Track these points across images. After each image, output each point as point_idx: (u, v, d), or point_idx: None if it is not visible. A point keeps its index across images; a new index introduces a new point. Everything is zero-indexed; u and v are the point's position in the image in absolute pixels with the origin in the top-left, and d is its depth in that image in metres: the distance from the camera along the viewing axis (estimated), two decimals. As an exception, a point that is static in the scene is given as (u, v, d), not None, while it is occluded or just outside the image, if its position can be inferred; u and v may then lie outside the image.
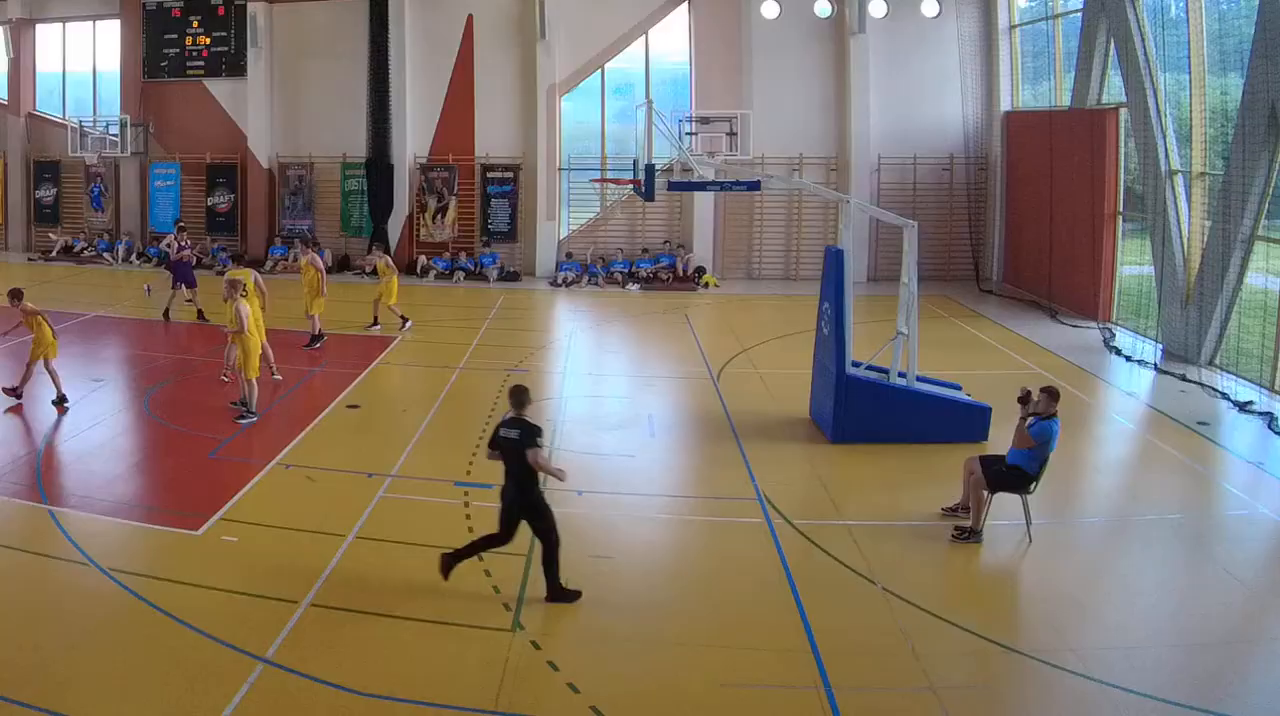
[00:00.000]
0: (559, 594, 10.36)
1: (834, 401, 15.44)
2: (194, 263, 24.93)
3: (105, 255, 35.13)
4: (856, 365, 15.73)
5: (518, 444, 10.17)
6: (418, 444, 15.73)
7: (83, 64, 37.46)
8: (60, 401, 16.71)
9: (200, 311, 24.26)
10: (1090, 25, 24.75)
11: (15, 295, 16.71)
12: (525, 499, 10.29)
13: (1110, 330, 23.24)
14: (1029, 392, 12.04)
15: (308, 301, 21.15)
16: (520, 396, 10.44)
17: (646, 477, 14.68)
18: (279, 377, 18.80)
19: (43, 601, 10.52)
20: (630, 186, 22.97)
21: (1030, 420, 11.80)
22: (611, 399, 18.82)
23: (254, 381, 16.63)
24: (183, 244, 24.86)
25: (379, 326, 22.97)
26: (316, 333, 21.22)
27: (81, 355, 21.09)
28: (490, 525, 11.25)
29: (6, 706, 8.39)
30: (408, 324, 22.96)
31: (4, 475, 14.05)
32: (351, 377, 19.38)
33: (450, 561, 10.67)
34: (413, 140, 32.45)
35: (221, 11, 34.48)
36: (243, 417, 16.47)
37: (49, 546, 11.80)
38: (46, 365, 16.59)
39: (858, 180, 29.58)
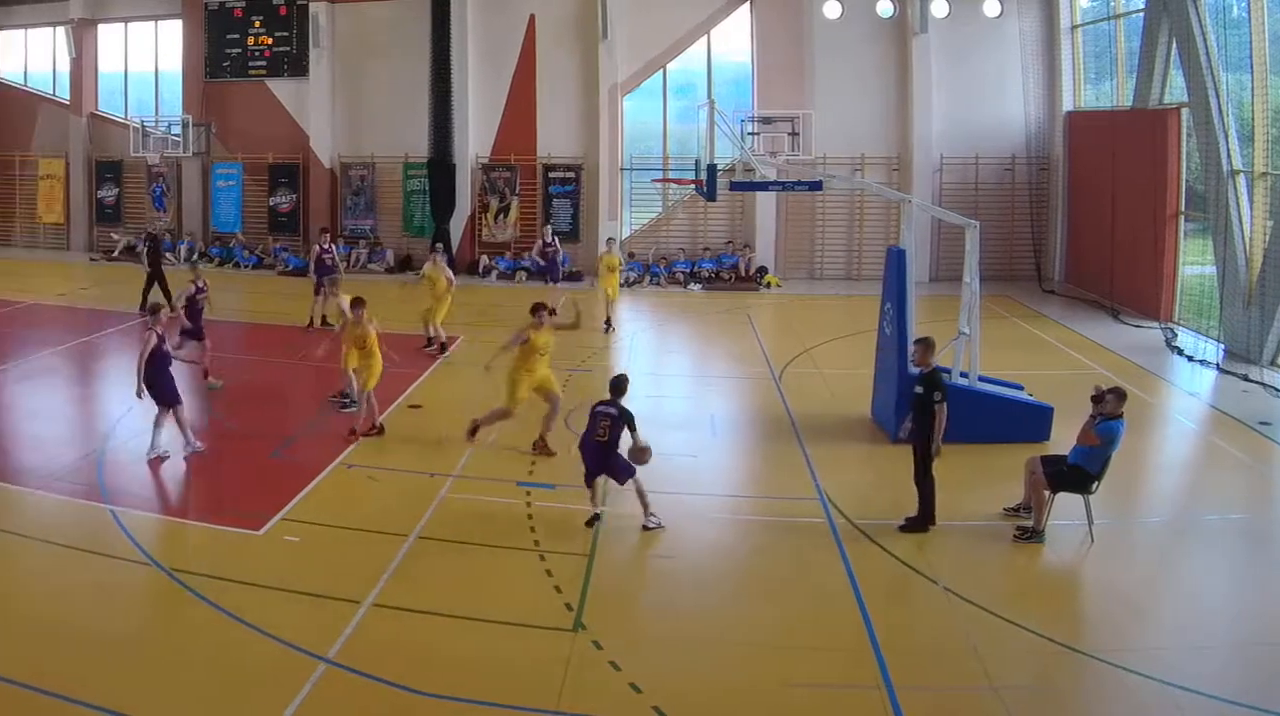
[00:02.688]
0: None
1: (896, 401, 16.16)
2: (336, 268, 25.35)
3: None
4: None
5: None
6: (480, 444, 16.43)
7: (145, 64, 40.21)
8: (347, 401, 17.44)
9: (324, 317, 24.78)
10: (1152, 25, 26.46)
11: (358, 303, 17.00)
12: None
13: (1172, 330, 24.19)
14: (1103, 392, 12.55)
15: (434, 309, 21.89)
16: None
17: (709, 477, 15.51)
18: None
19: (104, 601, 11.16)
20: (692, 186, 24.27)
21: (1097, 419, 12.34)
22: (674, 399, 19.82)
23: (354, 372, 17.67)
24: (326, 247, 25.48)
25: (435, 346, 22.38)
26: (440, 339, 22.13)
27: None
28: (553, 525, 12.98)
29: (69, 706, 8.88)
30: (445, 351, 22.39)
31: (67, 475, 14.82)
32: (414, 378, 20.21)
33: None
34: (475, 140, 34.79)
35: (284, 11, 37.07)
36: (345, 407, 17.70)
37: (111, 546, 12.43)
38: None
39: (920, 180, 31.51)
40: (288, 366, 21.53)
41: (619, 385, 13.29)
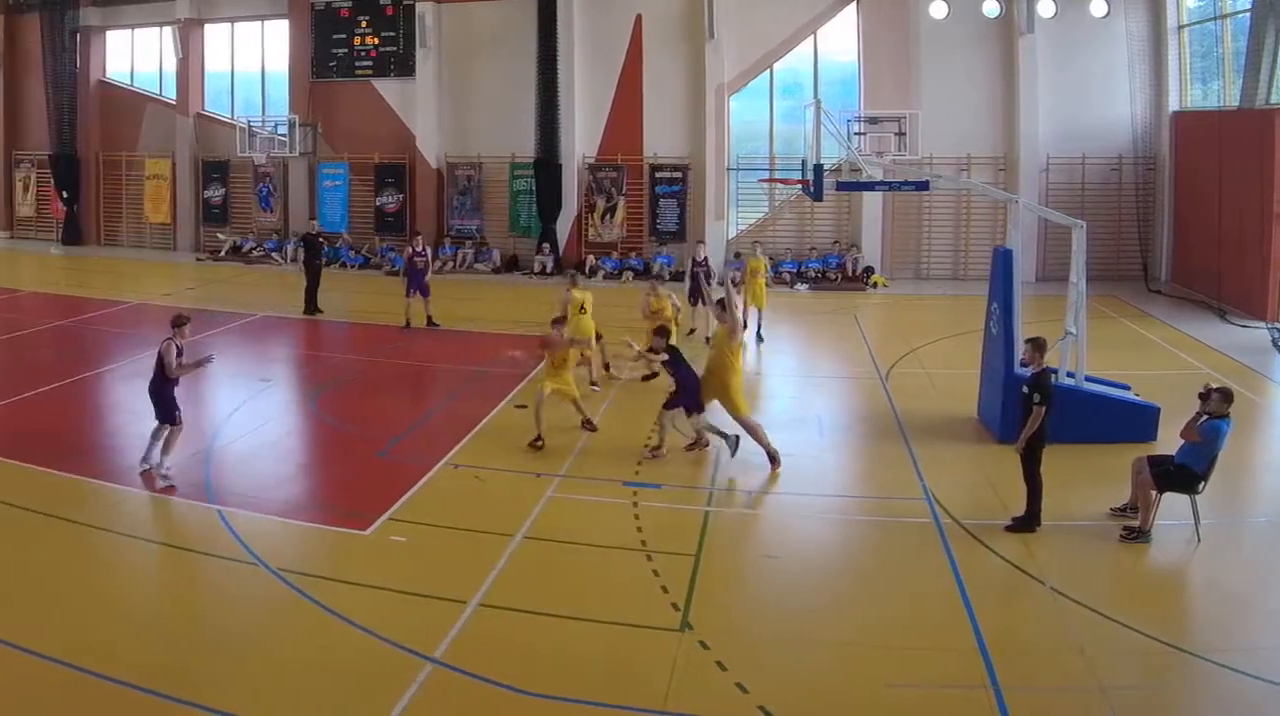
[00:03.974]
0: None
1: (1002, 401, 17.22)
2: (427, 270, 27.07)
3: (274, 255, 41.66)
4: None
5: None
6: (586, 443, 17.67)
7: (251, 64, 44.35)
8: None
9: (430, 317, 26.92)
10: (1259, 25, 28.55)
11: (559, 322, 18.36)
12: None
13: (1279, 330, 25.62)
14: (1209, 390, 13.28)
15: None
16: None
17: (815, 477, 16.44)
18: (596, 388, 20.91)
19: (211, 601, 12.07)
20: (798, 186, 25.90)
21: (1202, 417, 13.11)
22: (780, 399, 21.33)
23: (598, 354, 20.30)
24: (418, 250, 27.07)
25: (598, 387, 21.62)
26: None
27: (250, 355, 24.54)
28: (659, 525, 14.02)
29: (175, 706, 9.56)
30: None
31: (174, 475, 15.79)
32: (520, 377, 21.22)
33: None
34: (581, 140, 37.99)
35: (390, 11, 40.82)
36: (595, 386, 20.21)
37: (218, 546, 13.37)
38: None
39: (1026, 180, 33.79)
40: (394, 365, 22.86)
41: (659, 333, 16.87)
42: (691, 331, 24.78)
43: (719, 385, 16.64)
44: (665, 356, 16.91)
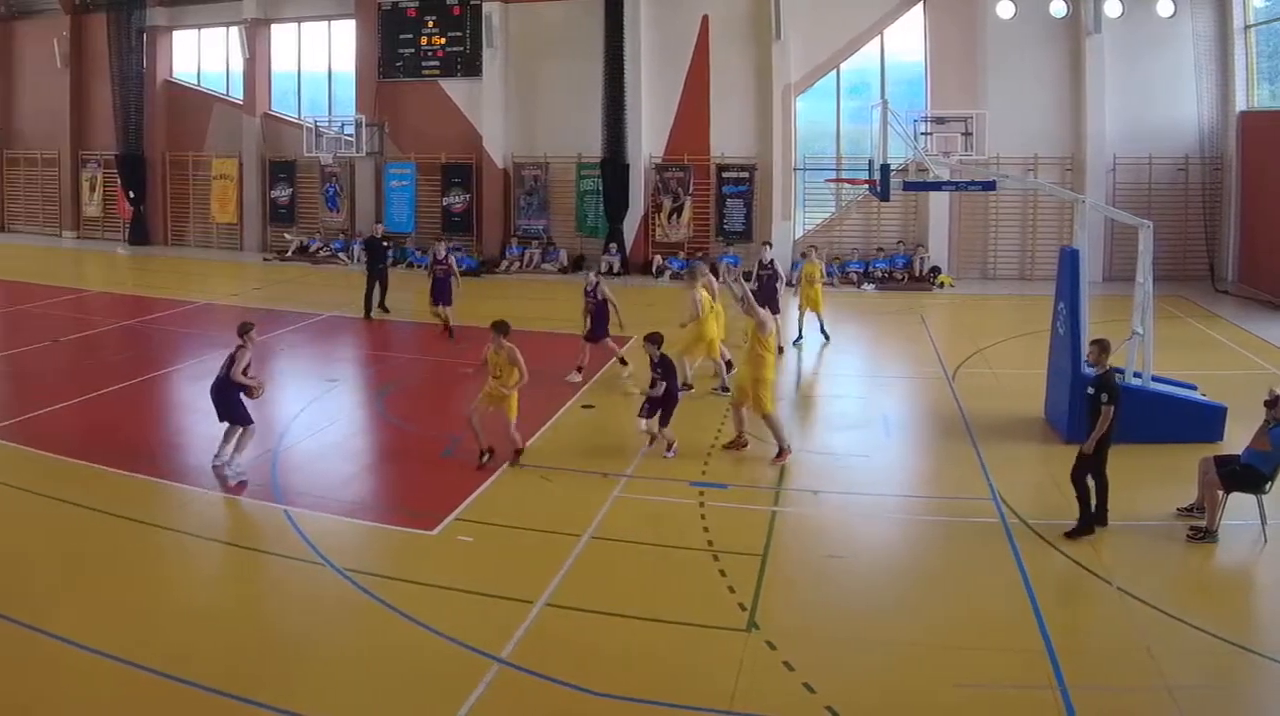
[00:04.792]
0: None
1: (1069, 401, 17.83)
2: (450, 275, 27.52)
3: (340, 255, 44.02)
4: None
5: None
6: (654, 443, 18.09)
7: (318, 64, 46.91)
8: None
9: (449, 328, 27.27)
10: None
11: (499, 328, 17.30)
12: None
13: None
14: (1277, 396, 13.62)
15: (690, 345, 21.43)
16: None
17: (881, 477, 17.10)
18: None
19: (278, 601, 12.59)
20: (865, 186, 27.08)
21: (1271, 424, 13.49)
22: (846, 398, 22.18)
23: (720, 359, 21.06)
24: (440, 257, 27.80)
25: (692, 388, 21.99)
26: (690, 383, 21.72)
27: (317, 355, 25.46)
28: (726, 525, 14.52)
29: (242, 706, 9.97)
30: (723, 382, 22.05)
31: (240, 474, 16.56)
32: (587, 377, 22.39)
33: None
34: (648, 140, 40.05)
35: (457, 11, 43.15)
36: (718, 390, 20.93)
37: (284, 546, 13.93)
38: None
39: (1093, 180, 35.41)
40: (459, 365, 23.12)
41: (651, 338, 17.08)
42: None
43: (750, 378, 17.37)
44: (658, 369, 17.42)
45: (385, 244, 32.23)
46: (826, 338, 26.84)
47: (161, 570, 13.55)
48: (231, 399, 16.69)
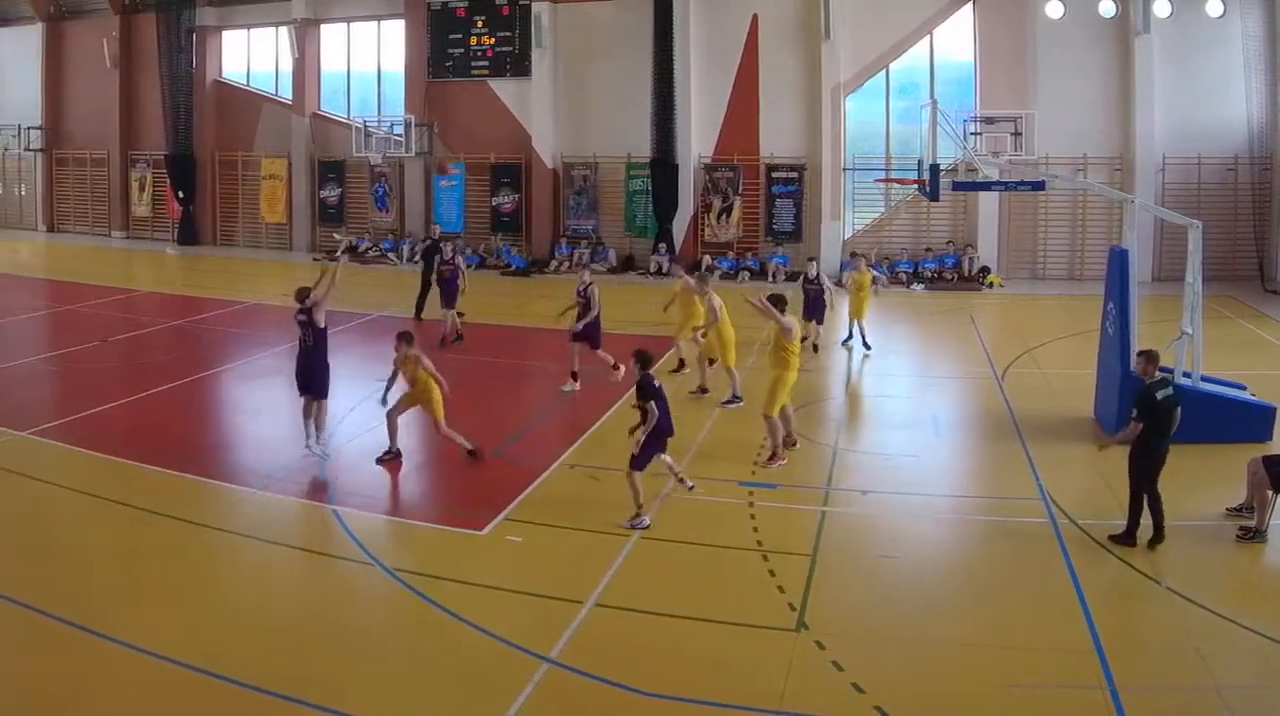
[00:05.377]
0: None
1: (1118, 401, 18.21)
2: (458, 276, 27.68)
3: (389, 255, 45.71)
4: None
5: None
6: (702, 444, 18.83)
7: (367, 64, 48.67)
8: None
9: (460, 332, 27.59)
10: None
11: (404, 338, 17.91)
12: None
13: None
14: None
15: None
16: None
17: (930, 477, 17.51)
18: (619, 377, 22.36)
19: (327, 601, 12.89)
20: (915, 186, 27.93)
21: None
22: (896, 398, 22.77)
23: (733, 369, 20.92)
24: (447, 259, 27.95)
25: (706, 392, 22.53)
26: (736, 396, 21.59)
27: (367, 355, 25.36)
28: (776, 525, 14.83)
29: (292, 706, 10.24)
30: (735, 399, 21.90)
31: (290, 475, 17.09)
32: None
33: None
34: (697, 140, 41.63)
35: (506, 11, 44.62)
36: (728, 402, 20.86)
37: (334, 546, 14.34)
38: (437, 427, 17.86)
39: (1142, 180, 36.59)
40: (508, 365, 23.97)
41: (642, 358, 15.49)
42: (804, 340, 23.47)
43: (770, 378, 17.86)
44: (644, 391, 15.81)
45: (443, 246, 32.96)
46: (867, 347, 26.76)
47: (210, 570, 13.97)
48: (318, 366, 17.59)
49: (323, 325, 17.73)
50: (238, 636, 11.87)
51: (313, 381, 17.84)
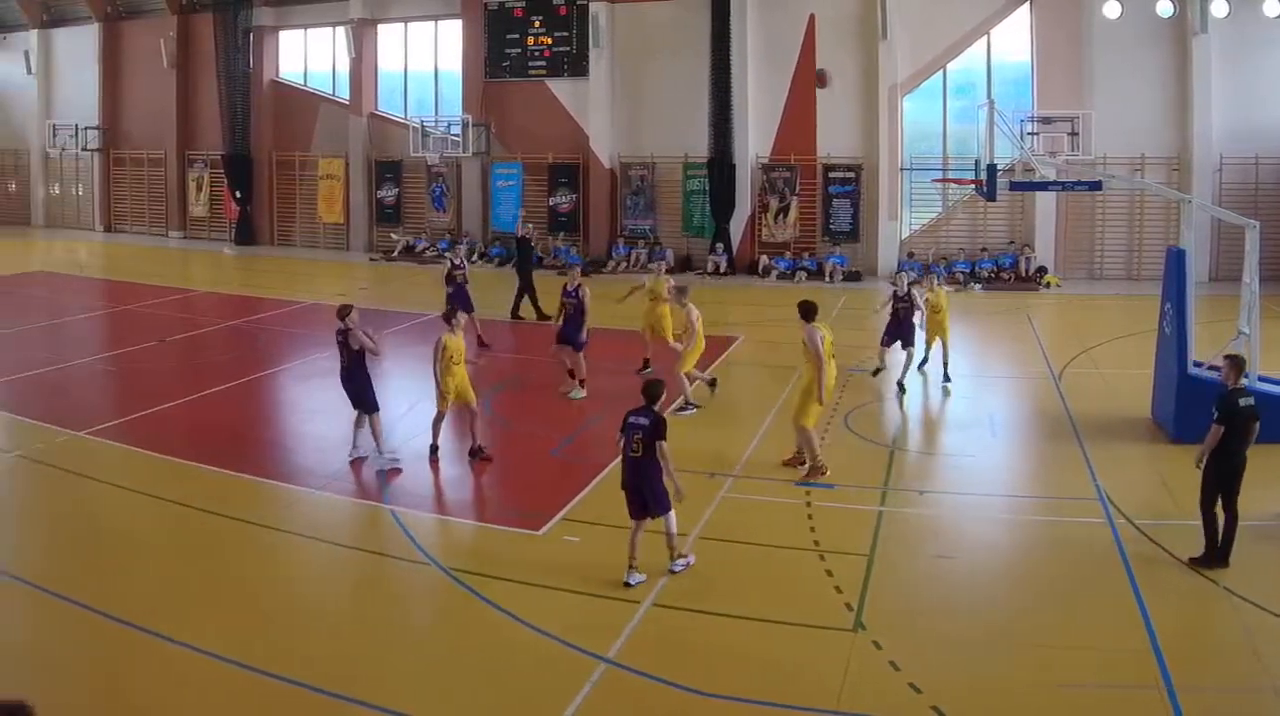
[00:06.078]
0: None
1: (1175, 401, 18.61)
2: (467, 283, 27.91)
3: (446, 255, 46.02)
4: (1198, 365, 18.57)
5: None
6: (760, 443, 19.27)
7: (424, 64, 50.66)
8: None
9: (480, 338, 27.52)
10: None
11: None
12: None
13: None
14: None
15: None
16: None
17: (987, 477, 17.98)
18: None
19: (385, 600, 13.28)
20: (972, 186, 27.68)
21: None
22: (953, 398, 23.11)
23: (689, 375, 21.43)
24: (458, 263, 28.47)
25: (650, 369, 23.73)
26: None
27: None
28: (833, 525, 15.09)
29: (349, 705, 10.54)
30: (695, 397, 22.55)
31: (347, 475, 17.58)
32: (693, 377, 22.49)
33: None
34: (754, 140, 43.33)
35: (563, 11, 46.24)
36: (682, 410, 20.94)
37: (391, 546, 14.78)
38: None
39: (1200, 180, 37.55)
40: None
41: (651, 390, 14.00)
42: (877, 370, 24.54)
43: (801, 387, 17.89)
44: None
45: (534, 243, 33.87)
46: (947, 378, 24.53)
47: (268, 569, 14.42)
48: (362, 383, 18.08)
49: (356, 348, 18.12)
50: (294, 635, 12.33)
51: (362, 398, 18.34)
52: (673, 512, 13.70)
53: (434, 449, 18.68)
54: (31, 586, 13.48)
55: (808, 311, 17.83)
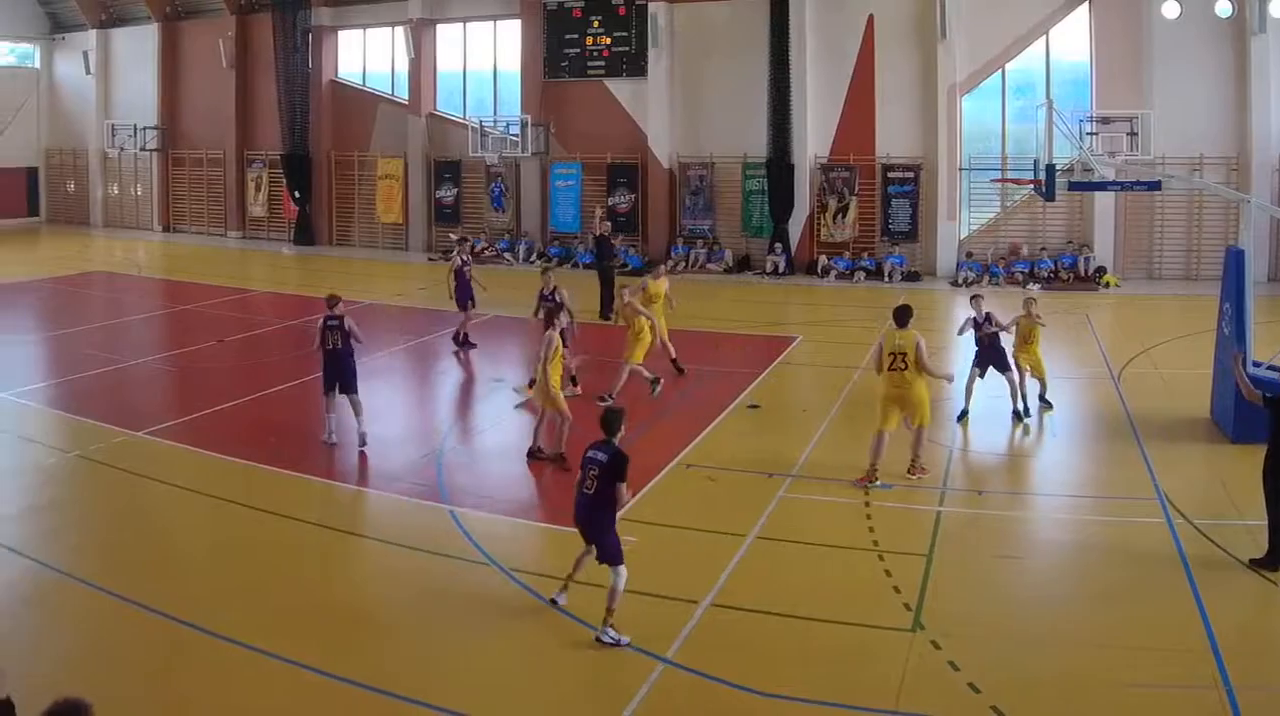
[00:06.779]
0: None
1: (1235, 401, 18.65)
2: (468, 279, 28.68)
3: (505, 255, 49.45)
4: (1258, 365, 18.84)
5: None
6: (818, 444, 19.77)
7: (483, 64, 52.54)
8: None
9: (466, 336, 28.60)
10: None
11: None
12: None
13: None
14: None
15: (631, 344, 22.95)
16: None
17: (1046, 477, 18.66)
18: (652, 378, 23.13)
19: (444, 601, 13.60)
20: (1031, 186, 29.32)
21: None
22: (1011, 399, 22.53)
23: (628, 367, 22.28)
24: (465, 260, 29.10)
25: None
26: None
27: (482, 354, 27.47)
28: (891, 525, 15.60)
29: (410, 706, 10.99)
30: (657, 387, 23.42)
31: (406, 475, 18.13)
32: (752, 377, 24.33)
33: None
34: (813, 140, 44.54)
35: (622, 11, 47.52)
36: (602, 398, 21.27)
37: (450, 546, 15.14)
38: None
39: (1259, 180, 38.45)
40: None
41: (608, 421, 13.17)
42: (963, 413, 22.80)
43: (914, 397, 18.11)
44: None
45: (614, 242, 35.02)
46: (1049, 405, 23.44)
47: (327, 569, 15.03)
48: (352, 366, 19.61)
49: (348, 332, 19.44)
50: (353, 636, 12.79)
51: (347, 379, 19.56)
52: (623, 568, 12.74)
53: (536, 452, 19.28)
54: (90, 586, 14.07)
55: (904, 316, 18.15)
